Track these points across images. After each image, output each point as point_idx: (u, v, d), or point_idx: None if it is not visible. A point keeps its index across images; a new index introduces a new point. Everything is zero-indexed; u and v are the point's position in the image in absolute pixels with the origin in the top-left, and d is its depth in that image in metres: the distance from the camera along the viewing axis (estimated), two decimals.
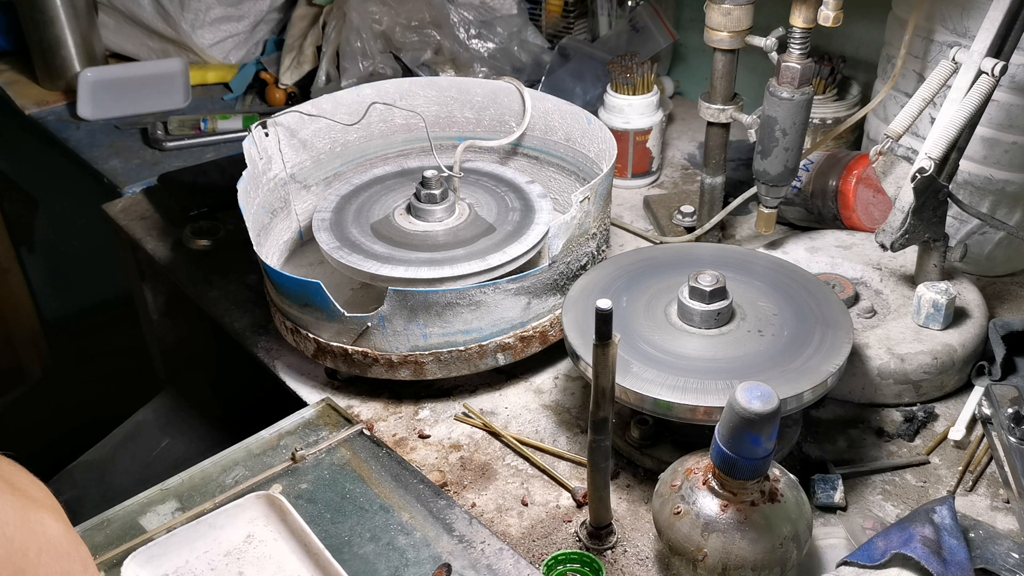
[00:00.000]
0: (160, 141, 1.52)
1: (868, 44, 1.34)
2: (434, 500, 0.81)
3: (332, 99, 1.19)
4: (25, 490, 0.46)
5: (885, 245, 0.96)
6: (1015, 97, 1.02)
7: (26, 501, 0.45)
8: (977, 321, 0.98)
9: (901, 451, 0.91)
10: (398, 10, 1.55)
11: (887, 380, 0.94)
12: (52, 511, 0.47)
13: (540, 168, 1.25)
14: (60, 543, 0.46)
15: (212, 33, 1.77)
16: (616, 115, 1.35)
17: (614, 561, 0.80)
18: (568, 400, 0.99)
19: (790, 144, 1.03)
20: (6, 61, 1.89)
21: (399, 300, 0.90)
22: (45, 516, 0.46)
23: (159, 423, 1.23)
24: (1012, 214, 1.10)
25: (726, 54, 1.06)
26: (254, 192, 1.07)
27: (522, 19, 1.62)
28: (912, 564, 0.69)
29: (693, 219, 1.23)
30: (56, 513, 0.47)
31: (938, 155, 0.92)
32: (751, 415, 0.63)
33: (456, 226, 1.06)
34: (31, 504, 0.45)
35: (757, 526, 0.69)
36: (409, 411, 0.98)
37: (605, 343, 0.69)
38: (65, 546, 0.46)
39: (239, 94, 1.73)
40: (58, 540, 0.46)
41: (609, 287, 0.93)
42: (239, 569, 0.74)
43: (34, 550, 0.44)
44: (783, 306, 0.90)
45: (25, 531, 0.44)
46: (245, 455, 0.86)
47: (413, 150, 1.26)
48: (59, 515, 0.48)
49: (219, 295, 1.17)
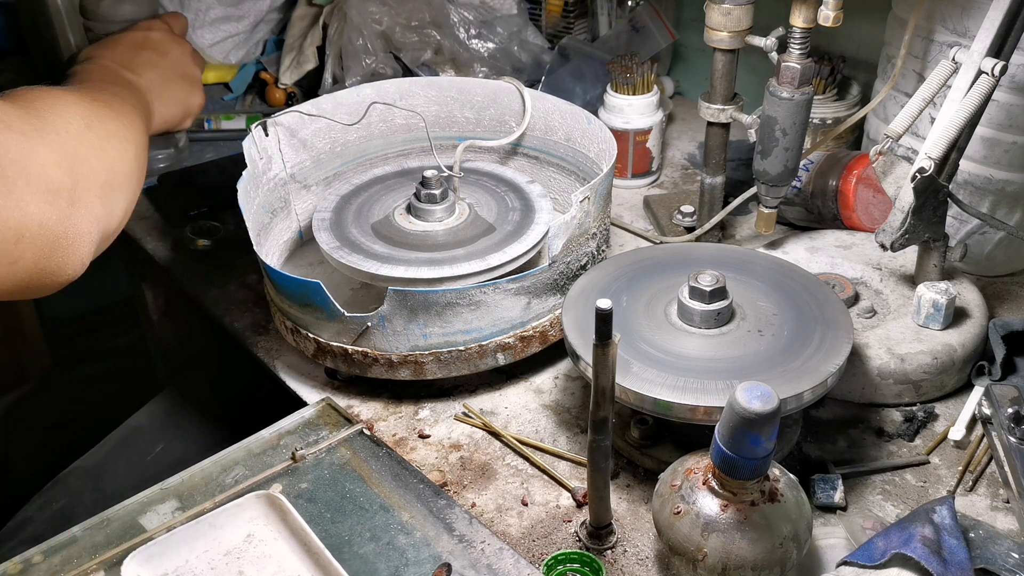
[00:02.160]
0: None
1: (868, 44, 1.34)
2: (434, 500, 0.81)
3: (332, 99, 1.19)
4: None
5: (885, 245, 0.96)
6: (1015, 97, 1.02)
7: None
8: (977, 321, 0.98)
9: (901, 451, 0.91)
10: (398, 10, 1.55)
11: (887, 380, 0.94)
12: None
13: (540, 168, 1.25)
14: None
15: (212, 33, 1.77)
16: (616, 115, 1.35)
17: (614, 561, 0.80)
18: (568, 400, 0.99)
19: (790, 144, 1.03)
20: (6, 61, 1.88)
21: (399, 300, 0.90)
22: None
23: (154, 427, 1.23)
24: (1012, 214, 1.10)
25: (726, 54, 1.06)
26: (254, 192, 1.07)
27: (522, 19, 1.62)
28: (912, 564, 0.69)
29: (693, 219, 1.23)
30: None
31: (938, 155, 0.92)
32: (751, 415, 0.63)
33: (456, 226, 1.06)
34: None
35: (757, 526, 0.69)
36: (409, 411, 0.98)
37: (605, 343, 0.69)
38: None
39: (239, 94, 1.73)
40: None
41: (609, 287, 0.93)
42: (239, 568, 0.74)
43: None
44: (783, 306, 0.90)
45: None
46: (245, 455, 0.86)
47: (413, 150, 1.26)
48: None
49: (219, 295, 1.17)
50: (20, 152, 0.61)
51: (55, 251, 0.65)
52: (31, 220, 0.62)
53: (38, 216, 0.62)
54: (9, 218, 0.59)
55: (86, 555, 0.76)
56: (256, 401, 1.12)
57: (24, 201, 0.60)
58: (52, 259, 0.65)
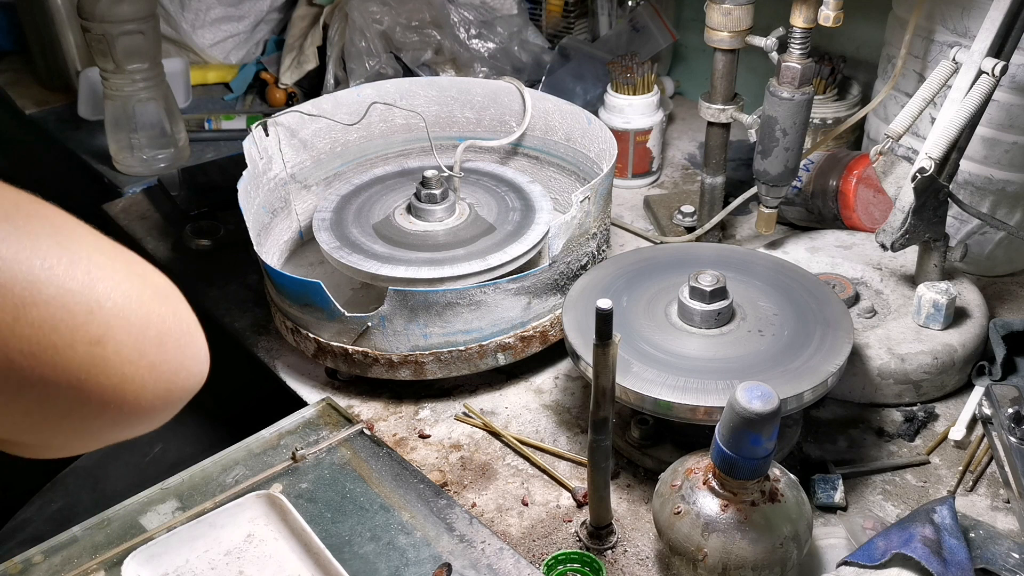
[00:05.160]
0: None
1: (868, 44, 1.34)
2: (434, 500, 0.81)
3: (332, 99, 1.19)
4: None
5: (885, 245, 0.96)
6: (1015, 97, 1.02)
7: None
8: (977, 321, 0.98)
9: (901, 451, 0.91)
10: (398, 10, 1.55)
11: (887, 380, 0.94)
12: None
13: (540, 168, 1.25)
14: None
15: (212, 33, 1.77)
16: (616, 115, 1.35)
17: (614, 561, 0.80)
18: (568, 400, 0.99)
19: (790, 144, 1.03)
20: (6, 61, 1.88)
21: (399, 300, 0.90)
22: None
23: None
24: (1012, 214, 1.10)
25: (726, 54, 1.06)
26: (254, 192, 1.07)
27: (522, 19, 1.62)
28: (912, 564, 0.69)
29: (693, 219, 1.23)
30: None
31: (938, 155, 0.92)
32: (751, 415, 0.63)
33: (456, 226, 1.06)
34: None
35: (757, 526, 0.69)
36: (409, 411, 0.98)
37: (605, 343, 0.69)
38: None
39: (239, 94, 1.73)
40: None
41: (609, 287, 0.93)
42: (239, 568, 0.74)
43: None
44: (783, 306, 0.90)
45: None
46: (245, 454, 0.86)
47: (413, 150, 1.26)
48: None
49: (219, 295, 1.17)
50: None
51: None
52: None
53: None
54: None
55: (86, 555, 0.76)
56: (256, 401, 1.11)
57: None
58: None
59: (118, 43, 1.34)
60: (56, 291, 0.36)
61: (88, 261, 0.38)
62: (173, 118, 1.46)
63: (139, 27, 1.35)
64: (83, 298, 0.38)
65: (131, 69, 1.37)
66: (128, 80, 1.38)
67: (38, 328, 0.36)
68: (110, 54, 1.35)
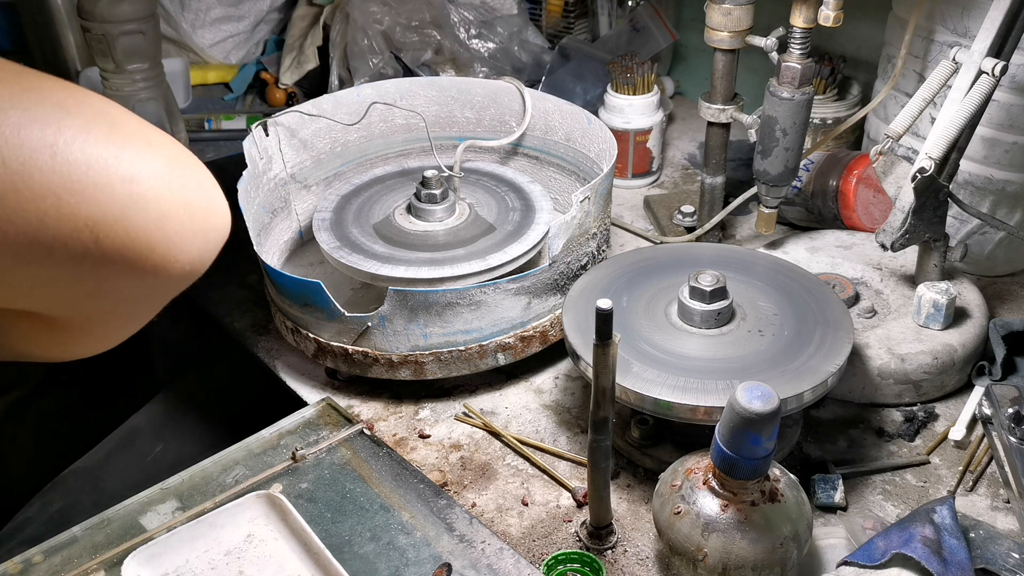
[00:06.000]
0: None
1: (868, 44, 1.34)
2: (434, 500, 0.81)
3: (332, 99, 1.19)
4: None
5: (885, 245, 0.96)
6: (1015, 97, 1.02)
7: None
8: (977, 321, 0.98)
9: (901, 451, 0.91)
10: (398, 10, 1.55)
11: (887, 380, 0.94)
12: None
13: (540, 168, 1.25)
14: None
15: (212, 33, 1.77)
16: (616, 115, 1.35)
17: (614, 561, 0.80)
18: (568, 400, 0.99)
19: (790, 144, 1.03)
20: None
21: (399, 300, 0.90)
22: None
23: (153, 428, 1.23)
24: (1012, 214, 1.10)
25: (726, 54, 1.06)
26: (254, 192, 1.07)
27: (522, 19, 1.62)
28: (912, 564, 0.69)
29: (693, 219, 1.23)
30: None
31: (938, 155, 0.92)
32: (751, 415, 0.63)
33: (456, 226, 1.06)
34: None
35: (757, 526, 0.69)
36: (409, 411, 0.98)
37: (605, 343, 0.69)
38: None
39: (239, 94, 1.73)
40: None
41: (609, 287, 0.93)
42: (239, 568, 0.74)
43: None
44: (783, 306, 0.90)
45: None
46: (245, 454, 0.86)
47: (413, 150, 1.26)
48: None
49: (219, 295, 1.17)
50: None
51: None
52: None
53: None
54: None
55: (86, 555, 0.76)
56: (256, 401, 1.11)
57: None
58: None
59: (118, 43, 1.34)
60: (84, 135, 0.40)
61: (105, 116, 0.43)
62: (173, 118, 1.46)
63: (139, 27, 1.35)
64: (109, 140, 0.42)
65: (131, 69, 1.37)
66: (128, 80, 1.38)
67: (74, 165, 0.40)
68: (110, 54, 1.35)
